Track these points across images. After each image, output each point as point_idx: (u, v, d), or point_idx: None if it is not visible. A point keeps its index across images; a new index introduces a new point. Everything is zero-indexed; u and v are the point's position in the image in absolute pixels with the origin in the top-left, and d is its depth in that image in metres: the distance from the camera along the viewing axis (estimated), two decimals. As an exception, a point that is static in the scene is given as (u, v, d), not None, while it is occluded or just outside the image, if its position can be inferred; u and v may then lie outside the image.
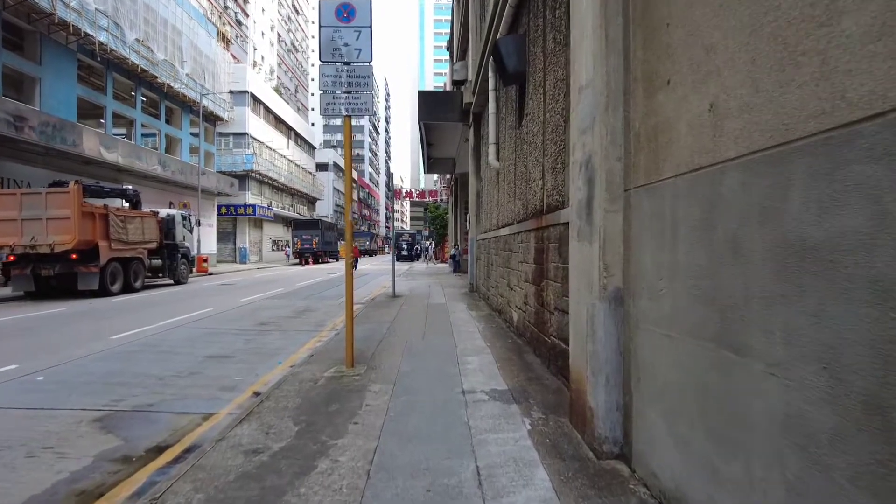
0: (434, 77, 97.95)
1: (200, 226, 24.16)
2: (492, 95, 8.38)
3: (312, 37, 67.48)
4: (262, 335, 7.48)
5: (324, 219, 42.97)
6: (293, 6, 62.39)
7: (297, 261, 37.06)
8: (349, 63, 4.94)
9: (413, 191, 49.36)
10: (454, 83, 15.28)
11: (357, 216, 72.14)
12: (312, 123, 63.07)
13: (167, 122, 26.19)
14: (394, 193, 43.15)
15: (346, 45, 4.94)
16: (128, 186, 16.96)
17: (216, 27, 30.75)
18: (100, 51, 19.12)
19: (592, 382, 2.84)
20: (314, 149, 56.17)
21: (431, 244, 40.91)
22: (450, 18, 25.50)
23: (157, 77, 23.30)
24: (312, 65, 67.60)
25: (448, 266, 27.06)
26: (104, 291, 12.87)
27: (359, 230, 69.65)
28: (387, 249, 77.66)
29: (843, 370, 1.27)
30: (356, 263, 27.01)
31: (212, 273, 23.46)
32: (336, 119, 70.05)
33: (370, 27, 4.93)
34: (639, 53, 2.60)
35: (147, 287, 15.58)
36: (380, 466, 2.75)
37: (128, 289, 14.05)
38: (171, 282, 17.33)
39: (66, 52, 18.35)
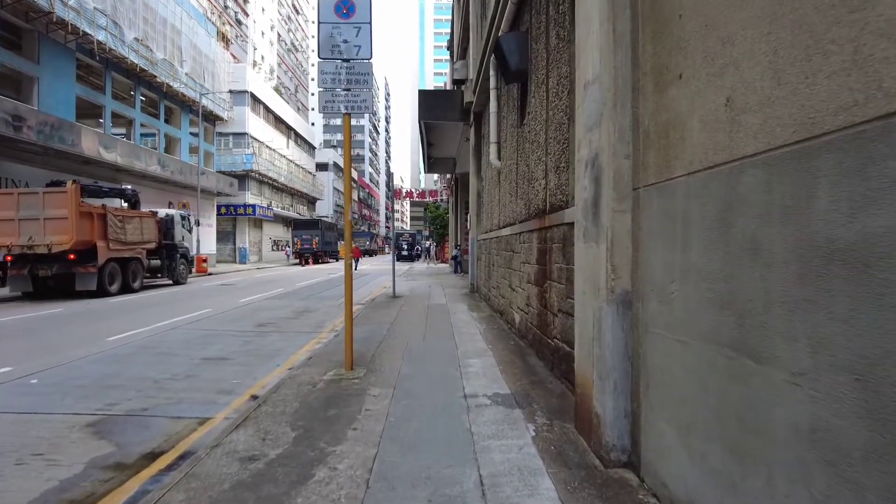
0: (434, 77, 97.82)
1: (200, 226, 24.07)
2: (493, 94, 8.29)
3: (312, 36, 67.50)
4: (261, 336, 7.39)
5: (324, 219, 42.88)
6: (293, 6, 62.31)
7: (297, 261, 36.98)
8: (348, 60, 4.85)
9: (413, 191, 49.20)
10: (455, 82, 15.19)
11: (357, 216, 72.04)
12: (312, 123, 62.97)
13: (166, 122, 26.11)
14: (394, 193, 43.01)
15: (346, 42, 4.85)
16: (126, 186, 16.87)
17: (216, 27, 30.68)
18: (98, 50, 19.03)
19: (599, 388, 2.75)
20: (314, 149, 56.09)
21: (433, 244, 40.83)
22: (450, 18, 25.40)
23: (157, 76, 23.21)
24: (312, 64, 67.56)
25: (448, 266, 26.98)
26: (102, 292, 12.78)
27: (359, 230, 69.55)
28: (387, 249, 77.61)
29: (880, 382, 1.18)
30: (357, 264, 26.93)
31: (211, 273, 23.37)
32: (336, 119, 70.02)
33: (370, 23, 4.84)
34: (648, 47, 2.51)
35: (146, 287, 15.49)
36: (379, 475, 2.66)
37: (126, 289, 13.96)
38: (170, 282, 17.24)
39: (65, 52, 18.26)
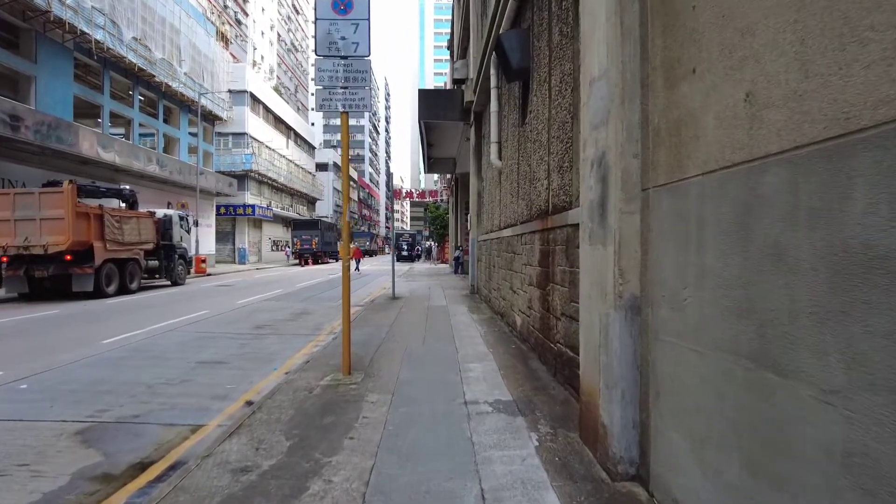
0: (434, 77, 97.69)
1: (198, 226, 23.96)
2: (494, 93, 8.18)
3: (312, 36, 67.13)
4: (258, 339, 7.27)
5: (323, 219, 42.74)
6: (293, 6, 62.18)
7: (297, 261, 36.86)
8: (346, 57, 4.74)
9: (413, 191, 49.08)
10: (455, 82, 15.07)
11: (357, 216, 71.91)
12: (312, 123, 62.80)
13: (165, 122, 25.98)
14: (394, 193, 42.89)
15: (344, 39, 4.73)
16: (124, 186, 16.75)
17: (215, 26, 30.56)
18: (96, 49, 18.90)
19: (606, 397, 2.64)
20: (314, 149, 55.95)
21: (434, 245, 40.70)
22: (450, 18, 25.28)
23: (155, 76, 23.08)
24: (312, 64, 67.19)
25: (448, 267, 26.88)
26: (99, 293, 12.66)
27: (359, 230, 69.44)
28: (387, 250, 77.46)
29: (928, 405, 1.07)
30: (358, 264, 26.75)
31: (210, 274, 23.25)
32: (336, 118, 69.84)
33: (368, 20, 4.73)
34: (658, 41, 2.39)
35: (143, 288, 15.37)
36: (376, 489, 2.54)
37: (123, 290, 13.84)
38: (168, 283, 17.12)
39: (62, 51, 18.14)
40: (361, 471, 2.74)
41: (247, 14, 47.17)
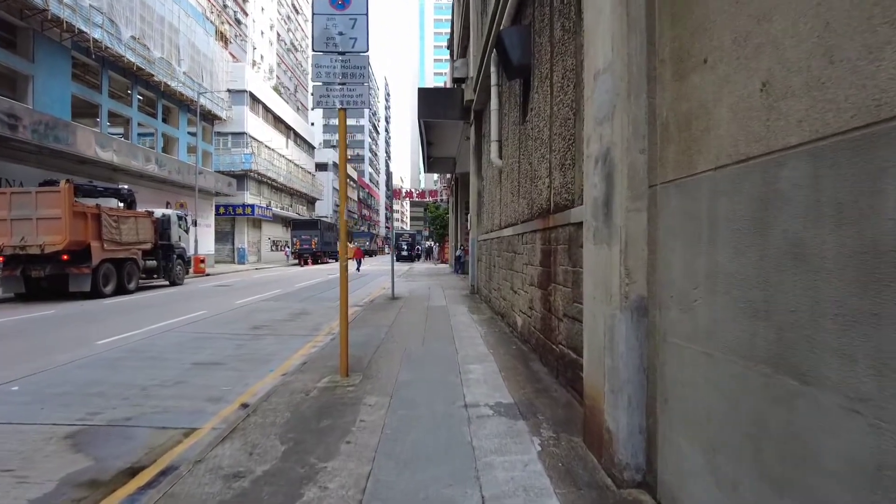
0: (434, 77, 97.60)
1: (197, 226, 23.87)
2: (494, 91, 8.08)
3: (311, 34, 67.12)
4: (256, 340, 7.18)
5: (323, 219, 42.63)
6: (292, 5, 62.08)
7: (297, 261, 36.76)
8: (344, 53, 4.65)
9: (413, 191, 48.91)
10: (455, 81, 14.96)
11: (357, 216, 71.84)
12: (312, 123, 62.70)
13: (164, 122, 25.87)
14: (393, 193, 42.77)
15: (341, 35, 4.64)
16: (122, 186, 16.64)
17: (214, 26, 30.45)
18: (94, 48, 18.81)
19: (611, 402, 2.54)
20: (314, 148, 55.82)
21: (434, 245, 40.60)
22: (450, 18, 25.19)
23: (154, 75, 22.97)
24: (312, 64, 67.20)
25: (448, 267, 26.79)
26: (96, 293, 12.56)
27: (358, 230, 69.35)
28: (387, 250, 77.35)
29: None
30: (360, 264, 26.60)
31: (209, 274, 23.15)
32: (335, 118, 69.80)
33: (366, 15, 4.64)
34: (666, 31, 2.30)
35: (141, 288, 15.27)
36: (373, 496, 2.45)
37: (121, 290, 13.74)
38: (167, 283, 17.02)
39: (60, 50, 18.04)
40: (358, 477, 2.65)
41: (246, 14, 47.07)
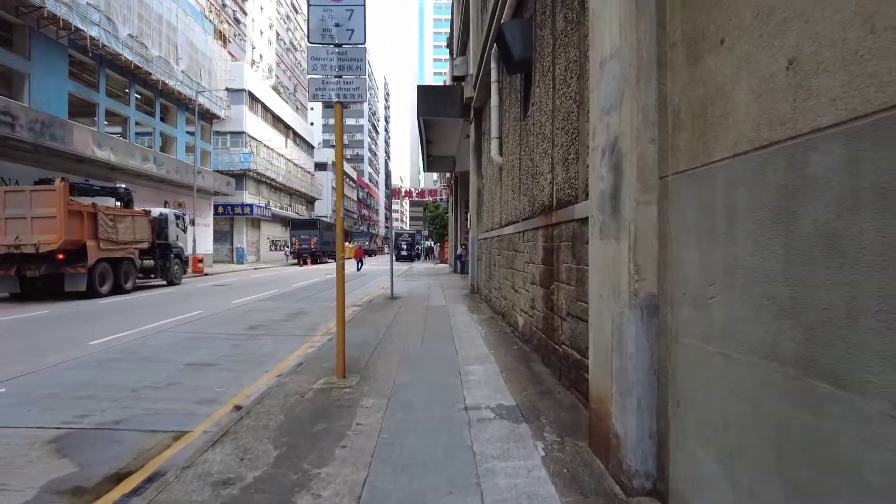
0: (434, 77, 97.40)
1: (195, 225, 23.70)
2: (494, 87, 7.96)
3: (311, 35, 66.79)
4: (251, 340, 7.05)
5: (322, 218, 42.45)
6: (292, 5, 61.91)
7: (296, 261, 36.60)
8: (340, 45, 4.52)
9: (412, 190, 48.72)
10: (454, 79, 14.82)
11: (356, 216, 71.68)
12: (311, 123, 62.54)
13: (162, 120, 25.71)
14: (392, 192, 42.63)
15: (338, 26, 4.51)
16: (120, 185, 16.49)
17: (213, 24, 30.30)
18: (91, 46, 18.65)
19: (619, 405, 2.42)
20: (313, 148, 55.62)
21: (434, 245, 40.46)
22: (449, 17, 25.05)
23: (152, 74, 22.81)
24: (311, 64, 66.87)
25: (448, 266, 26.67)
26: (92, 293, 12.42)
27: (358, 230, 69.21)
28: (386, 249, 77.20)
29: None
30: (361, 264, 26.40)
31: (207, 273, 23.00)
32: (334, 118, 69.54)
33: (363, 6, 4.51)
34: (678, 13, 2.17)
35: (138, 288, 15.13)
36: (369, 505, 2.32)
37: (118, 290, 13.60)
38: (164, 283, 16.88)
39: (57, 48, 17.89)
40: (353, 484, 2.53)
41: (245, 13, 46.92)
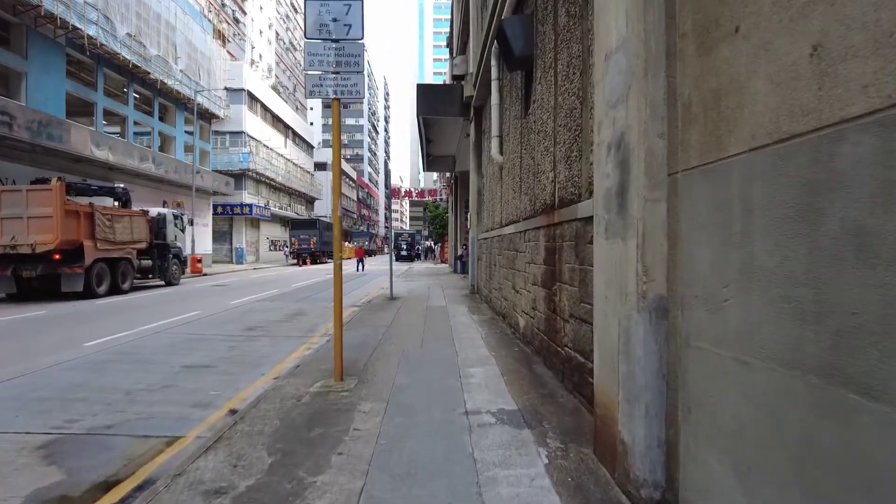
0: (434, 77, 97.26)
1: (194, 225, 23.60)
2: (494, 85, 7.86)
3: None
4: (249, 341, 6.95)
5: (322, 218, 42.34)
6: (291, 4, 61.79)
7: (295, 261, 36.51)
8: (338, 41, 4.42)
9: (412, 190, 48.59)
10: (454, 78, 14.72)
11: (356, 216, 71.59)
12: (311, 123, 62.45)
13: (161, 120, 25.61)
14: (392, 192, 42.52)
15: (335, 21, 4.41)
16: (118, 184, 16.40)
17: (212, 24, 30.20)
18: (89, 45, 18.54)
19: (626, 412, 2.32)
20: (313, 148, 55.52)
21: (434, 245, 40.36)
22: (449, 17, 24.96)
23: (150, 73, 22.71)
24: (311, 63, 66.68)
25: (448, 266, 26.58)
26: (89, 293, 12.32)
27: (358, 230, 69.13)
28: (386, 249, 77.12)
29: None
30: (362, 265, 26.24)
31: (206, 274, 22.91)
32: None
33: (361, 0, 4.41)
34: (688, 2, 2.07)
35: (136, 288, 15.03)
36: (365, 516, 2.23)
37: (115, 290, 13.49)
38: (162, 283, 16.78)
39: (54, 47, 17.79)
40: (349, 493, 2.43)
41: (245, 12, 46.82)
